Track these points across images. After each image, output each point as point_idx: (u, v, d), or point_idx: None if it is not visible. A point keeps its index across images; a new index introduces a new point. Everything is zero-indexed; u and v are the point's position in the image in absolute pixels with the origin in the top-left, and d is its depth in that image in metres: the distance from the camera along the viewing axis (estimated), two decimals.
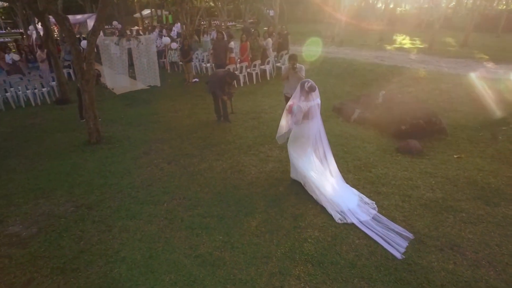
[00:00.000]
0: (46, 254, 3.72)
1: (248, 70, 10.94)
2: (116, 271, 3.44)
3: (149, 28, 14.79)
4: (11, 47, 13.57)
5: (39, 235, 4.04)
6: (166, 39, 12.27)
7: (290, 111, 4.60)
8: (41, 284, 3.32)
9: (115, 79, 11.02)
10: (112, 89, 10.85)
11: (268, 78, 11.26)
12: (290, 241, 3.78)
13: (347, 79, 10.54)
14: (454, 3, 25.55)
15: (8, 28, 28.87)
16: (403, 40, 18.64)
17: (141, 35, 15.66)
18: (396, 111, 7.13)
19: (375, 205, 4.38)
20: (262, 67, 11.26)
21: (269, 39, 11.35)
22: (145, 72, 11.13)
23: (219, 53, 10.57)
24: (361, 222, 4.01)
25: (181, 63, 11.91)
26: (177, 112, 8.59)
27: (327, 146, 4.83)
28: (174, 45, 12.22)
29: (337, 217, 4.13)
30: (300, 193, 4.72)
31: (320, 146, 4.78)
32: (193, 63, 11.94)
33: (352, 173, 5.30)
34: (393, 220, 4.08)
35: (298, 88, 4.51)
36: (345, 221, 4.07)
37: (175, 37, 16.32)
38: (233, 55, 11.02)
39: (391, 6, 24.99)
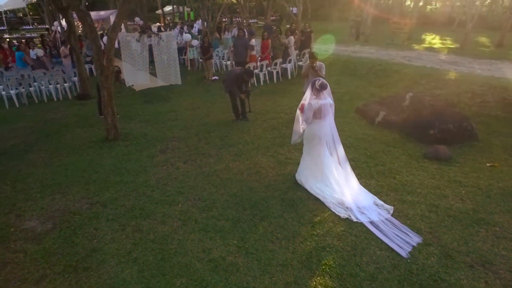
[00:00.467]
0: (59, 251, 3.75)
1: (269, 68, 10.84)
2: (128, 272, 3.42)
3: (170, 24, 14.95)
4: (37, 43, 14.01)
5: (53, 231, 4.09)
6: (187, 36, 12.33)
7: (302, 110, 4.57)
8: (53, 282, 3.34)
9: (135, 76, 11.15)
10: (132, 85, 10.99)
11: (289, 77, 11.11)
12: (307, 249, 3.66)
13: (372, 80, 10.25)
14: (489, 0, 24.51)
15: (35, 23, 29.90)
16: (433, 40, 18.02)
17: (162, 31, 15.84)
18: (424, 114, 6.85)
19: (391, 210, 4.26)
20: (283, 65, 11.13)
21: (291, 37, 11.21)
22: (165, 69, 11.21)
23: (239, 51, 10.52)
24: (370, 222, 3.99)
25: (201, 60, 11.94)
26: (195, 110, 8.59)
27: (340, 146, 4.75)
28: (195, 42, 12.26)
29: (341, 213, 4.16)
30: (318, 198, 4.58)
31: (333, 146, 4.71)
32: (213, 60, 11.95)
33: (375, 179, 5.11)
34: (419, 231, 3.89)
35: (309, 86, 4.49)
36: (346, 216, 4.09)
37: (196, 34, 16.42)
38: (253, 53, 10.94)
39: (421, 3, 24.26)
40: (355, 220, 4.09)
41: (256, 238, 3.85)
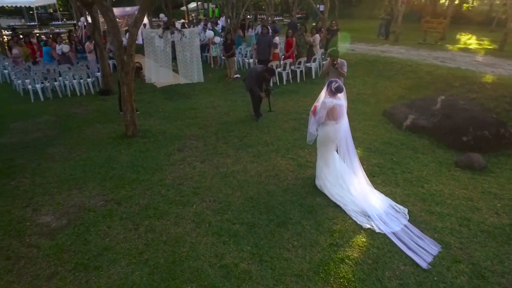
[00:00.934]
0: (72, 248, 3.77)
1: (292, 67, 10.66)
2: (138, 274, 3.39)
3: (194, 21, 15.03)
4: (65, 38, 14.42)
5: (68, 228, 4.12)
6: (210, 33, 12.33)
7: (315, 113, 4.47)
8: (63, 279, 3.35)
9: (158, 72, 11.26)
10: (153, 82, 11.10)
11: (314, 77, 10.88)
12: (324, 259, 3.51)
13: (401, 81, 9.88)
14: None
15: (64, 19, 30.94)
16: (469, 40, 17.23)
17: (186, 27, 15.96)
18: (456, 119, 6.51)
19: (407, 214, 4.18)
20: (308, 64, 10.92)
21: (317, 35, 10.97)
22: (188, 66, 11.25)
23: (262, 49, 10.39)
24: (392, 232, 3.86)
25: (223, 57, 11.92)
26: (215, 108, 8.55)
27: (354, 151, 4.64)
28: (218, 39, 12.24)
29: (364, 222, 4.03)
30: (339, 205, 4.41)
31: (346, 151, 4.60)
32: (235, 58, 11.89)
33: (401, 187, 4.87)
34: (448, 246, 3.65)
35: (325, 87, 4.39)
36: (368, 226, 3.96)
37: (220, 31, 16.43)
38: (277, 51, 10.79)
39: (456, 1, 23.31)
40: (377, 230, 3.92)
41: (271, 245, 3.73)
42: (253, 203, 4.52)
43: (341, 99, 4.41)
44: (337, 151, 4.72)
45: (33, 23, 28.95)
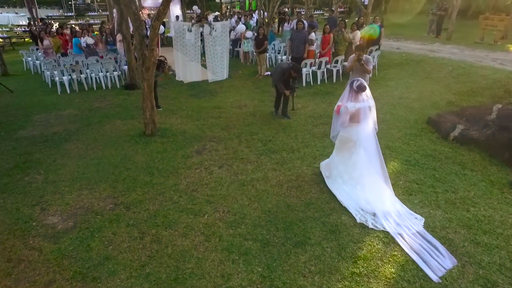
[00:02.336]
0: (73, 254, 3.74)
1: (328, 66, 10.28)
2: None
3: (227, 14, 14.97)
4: (94, 30, 14.88)
5: (73, 231, 4.11)
6: (241, 27, 12.19)
7: (338, 112, 4.51)
8: None
9: (186, 67, 11.29)
10: (181, 78, 11.14)
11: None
12: None
13: (451, 85, 9.21)
14: None
15: (100, 10, 32.24)
16: None
17: (218, 21, 15.96)
18: None
19: (422, 222, 4.14)
20: (345, 63, 10.46)
21: (357, 32, 10.49)
22: (217, 61, 11.19)
23: (297, 45, 10.11)
24: (398, 233, 3.92)
25: (255, 53, 11.75)
26: (241, 107, 8.39)
27: (378, 154, 4.51)
28: (249, 34, 12.08)
29: (357, 216, 4.17)
30: (366, 226, 4.08)
31: (372, 153, 4.51)
32: (267, 54, 11.67)
33: (442, 209, 4.43)
34: (494, 286, 3.23)
35: (347, 87, 4.42)
36: (365, 223, 4.05)
37: (254, 25, 16.30)
38: (312, 47, 10.44)
39: None
40: (380, 228, 3.99)
41: (285, 268, 3.49)
42: (270, 217, 4.29)
43: (365, 100, 4.36)
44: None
45: (70, 14, 30.42)
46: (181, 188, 4.96)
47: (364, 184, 4.52)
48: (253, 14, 17.36)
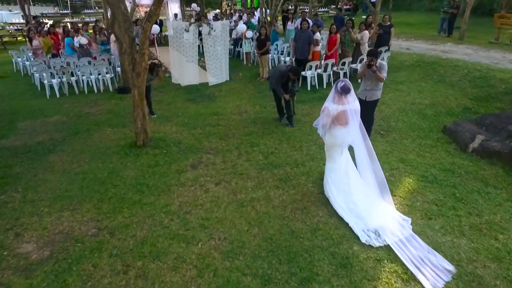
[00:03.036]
0: None
1: (335, 68, 9.85)
2: None
3: (227, 12, 14.56)
4: (87, 29, 14.46)
5: (48, 262, 3.71)
6: (241, 26, 11.76)
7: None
8: None
9: (183, 69, 10.89)
10: (178, 81, 10.75)
11: (359, 81, 10.00)
12: None
13: (467, 90, 8.77)
14: None
15: (97, 7, 31.88)
16: None
17: (218, 19, 15.57)
18: None
19: (410, 224, 4.17)
20: (353, 66, 10.06)
21: (365, 32, 10.05)
22: (217, 63, 10.78)
23: (301, 46, 9.69)
24: (395, 242, 3.87)
25: (256, 54, 11.34)
26: (241, 114, 7.98)
27: (366, 156, 4.36)
28: (250, 34, 11.66)
29: (363, 238, 3.97)
30: (383, 259, 3.66)
31: (360, 159, 4.38)
32: (269, 55, 11.25)
33: (467, 237, 4.01)
34: None
35: (333, 87, 4.30)
36: (371, 242, 3.90)
37: (256, 23, 15.88)
38: (318, 48, 10.02)
39: None
40: (378, 245, 3.86)
41: None
42: (272, 245, 3.89)
43: (350, 103, 4.23)
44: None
45: (66, 11, 30.07)
46: (173, 209, 4.56)
47: (357, 196, 4.41)
48: (255, 12, 16.93)
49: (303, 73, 9.61)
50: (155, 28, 11.74)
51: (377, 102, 6.60)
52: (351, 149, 4.57)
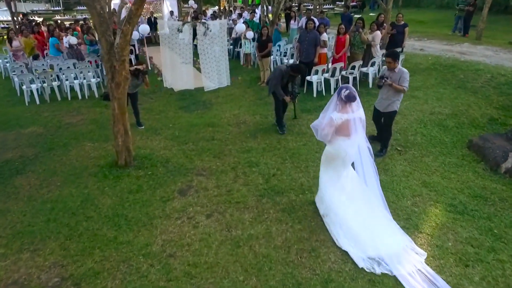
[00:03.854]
0: None
1: (344, 72, 9.15)
2: None
3: (226, 10, 13.85)
4: (75, 28, 13.81)
5: None
6: (241, 26, 11.06)
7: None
8: None
9: (177, 71, 10.24)
10: (171, 86, 10.08)
11: (370, 86, 9.34)
12: None
13: (492, 97, 8.07)
14: None
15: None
16: None
17: (216, 17, 14.91)
18: None
19: (425, 256, 3.75)
20: (364, 69, 9.37)
21: (378, 32, 9.35)
22: (213, 65, 10.12)
23: (306, 48, 9.00)
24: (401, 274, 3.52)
25: (257, 56, 10.67)
26: (239, 125, 7.30)
27: (372, 172, 4.07)
28: (250, 34, 10.97)
29: (361, 264, 3.64)
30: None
31: (362, 171, 4.11)
32: (271, 57, 10.58)
33: None
34: None
35: (335, 94, 4.01)
36: (372, 270, 3.57)
37: (258, 21, 15.22)
38: (324, 50, 9.34)
39: None
40: (378, 273, 3.53)
41: None
42: None
43: (355, 111, 3.94)
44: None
45: (57, 8, 29.46)
46: (154, 250, 3.88)
47: (360, 215, 4.03)
48: (256, 10, 16.24)
49: (308, 78, 8.96)
50: (145, 29, 11.07)
51: (394, 114, 5.95)
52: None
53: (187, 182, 5.20)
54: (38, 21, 16.91)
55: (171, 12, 17.76)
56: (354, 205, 4.09)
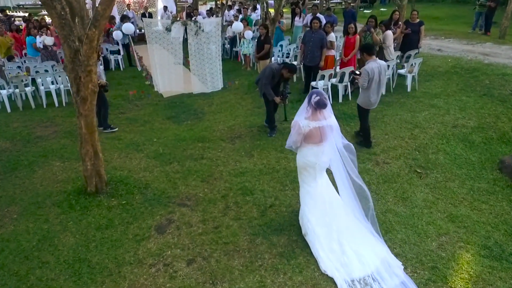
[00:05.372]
0: None
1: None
2: None
3: (224, 4, 13.15)
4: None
5: None
6: (237, 25, 10.42)
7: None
8: None
9: (165, 74, 9.66)
10: (159, 89, 9.50)
11: (384, 93, 8.70)
12: None
13: None
14: None
15: None
16: None
17: (213, 14, 14.34)
18: None
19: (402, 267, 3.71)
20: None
21: (388, 32, 8.67)
22: (205, 67, 9.53)
23: (311, 50, 8.39)
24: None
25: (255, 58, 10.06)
26: (233, 140, 6.68)
27: (348, 182, 4.00)
28: (249, 34, 10.33)
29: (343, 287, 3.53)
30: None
31: (341, 182, 4.05)
32: (272, 59, 9.96)
33: None
34: None
35: (306, 100, 3.97)
36: None
37: (259, 18, 14.63)
38: (332, 52, 8.71)
39: None
40: None
41: None
42: None
43: (326, 118, 3.90)
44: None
45: (39, 3, 28.88)
46: None
47: (343, 232, 3.98)
48: (257, 6, 15.62)
49: (313, 83, 8.34)
50: (129, 28, 10.46)
51: (359, 108, 6.29)
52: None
53: (167, 215, 4.58)
54: (25, 17, 16.39)
55: (165, 8, 17.19)
56: (333, 221, 4.02)
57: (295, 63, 10.06)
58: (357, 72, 6.24)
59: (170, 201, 4.87)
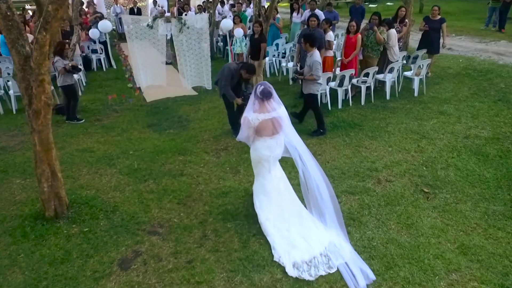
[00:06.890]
0: None
1: (354, 81, 8.12)
2: None
3: (214, 1, 12.72)
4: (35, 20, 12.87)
5: None
6: (226, 23, 10.02)
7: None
8: None
9: (150, 74, 9.31)
10: (142, 93, 9.12)
11: (388, 97, 8.29)
12: None
13: None
14: None
15: None
16: None
17: (204, 10, 13.97)
18: None
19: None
20: (380, 77, 8.33)
21: (392, 31, 8.23)
22: (192, 68, 9.17)
23: None
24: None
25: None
26: (218, 153, 6.28)
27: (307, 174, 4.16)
28: (240, 32, 9.92)
29: (290, 271, 3.72)
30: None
31: (301, 173, 4.25)
32: (267, 60, 9.56)
33: None
34: None
35: (252, 93, 4.19)
36: (302, 277, 3.66)
37: (252, 14, 14.23)
38: (330, 53, 8.30)
39: None
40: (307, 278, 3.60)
41: None
42: None
43: (276, 109, 4.11)
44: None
45: None
46: None
47: (293, 221, 4.29)
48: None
49: None
50: (105, 26, 10.09)
51: (311, 97, 6.77)
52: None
53: (134, 246, 4.16)
54: None
55: (154, 2, 16.81)
56: (285, 211, 4.30)
57: (291, 64, 9.66)
58: (300, 71, 6.81)
59: (139, 228, 4.46)
